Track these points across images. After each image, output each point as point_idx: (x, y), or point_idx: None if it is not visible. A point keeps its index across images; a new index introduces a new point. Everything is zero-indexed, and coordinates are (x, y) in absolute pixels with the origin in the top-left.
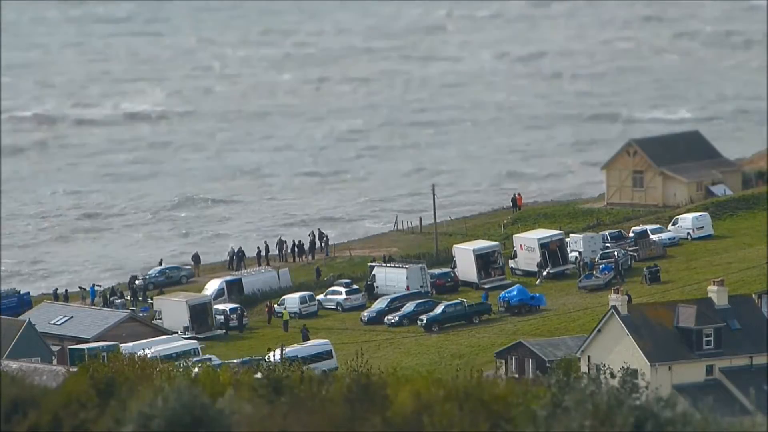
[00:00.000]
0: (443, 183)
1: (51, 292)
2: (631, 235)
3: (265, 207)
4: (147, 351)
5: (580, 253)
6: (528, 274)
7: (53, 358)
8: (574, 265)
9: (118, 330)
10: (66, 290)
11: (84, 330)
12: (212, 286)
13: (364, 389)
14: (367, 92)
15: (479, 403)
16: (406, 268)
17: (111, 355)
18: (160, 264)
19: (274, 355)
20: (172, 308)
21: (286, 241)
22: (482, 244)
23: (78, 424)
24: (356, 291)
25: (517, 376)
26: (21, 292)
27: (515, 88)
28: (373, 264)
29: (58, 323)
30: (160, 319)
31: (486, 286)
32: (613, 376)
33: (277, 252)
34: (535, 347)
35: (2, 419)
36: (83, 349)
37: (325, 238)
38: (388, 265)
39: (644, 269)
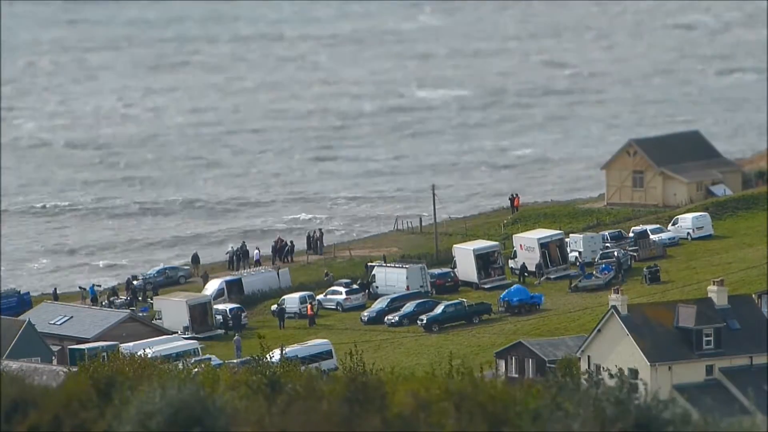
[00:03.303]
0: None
1: (51, 292)
2: (631, 235)
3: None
4: (147, 351)
5: (580, 253)
6: (530, 274)
7: (53, 358)
8: (569, 264)
9: (118, 330)
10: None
11: (84, 330)
12: (212, 286)
13: (361, 388)
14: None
15: (476, 403)
16: (406, 268)
17: (111, 355)
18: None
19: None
20: (172, 308)
21: (284, 241)
22: (482, 244)
23: (78, 424)
24: (356, 291)
25: (517, 376)
26: (21, 292)
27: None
28: (372, 264)
29: (58, 323)
30: (160, 319)
31: (486, 286)
32: (612, 376)
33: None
34: (535, 347)
35: (2, 419)
36: (83, 349)
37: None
38: (389, 265)
39: (644, 269)
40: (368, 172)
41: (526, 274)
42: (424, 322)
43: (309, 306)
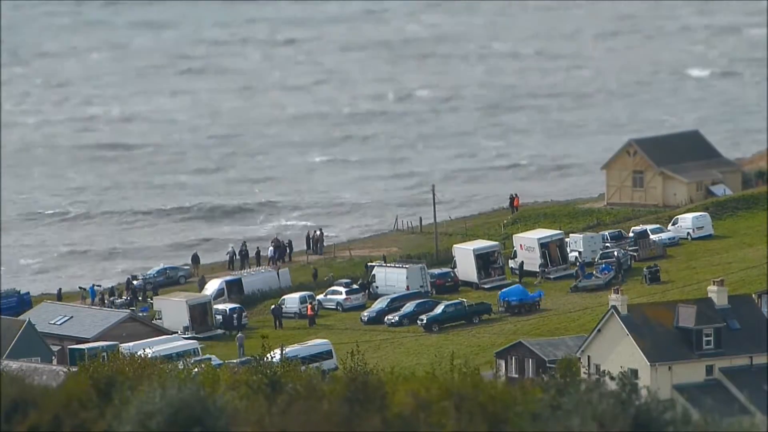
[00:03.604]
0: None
1: (55, 291)
2: (631, 235)
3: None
4: (147, 351)
5: (580, 253)
6: (528, 273)
7: (53, 358)
8: (569, 264)
9: (118, 330)
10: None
11: (84, 330)
12: (212, 286)
13: (361, 388)
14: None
15: (476, 403)
16: (406, 268)
17: (111, 355)
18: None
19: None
20: (172, 308)
21: (282, 241)
22: (482, 244)
23: (78, 424)
24: (356, 291)
25: (517, 376)
26: (21, 292)
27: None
28: (372, 264)
29: (58, 323)
30: (160, 319)
31: (486, 286)
32: (612, 378)
33: (272, 253)
34: (535, 347)
35: (2, 419)
36: (83, 349)
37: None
38: (389, 265)
39: (644, 269)
40: (369, 172)
41: (519, 272)
42: (424, 322)
43: (309, 306)
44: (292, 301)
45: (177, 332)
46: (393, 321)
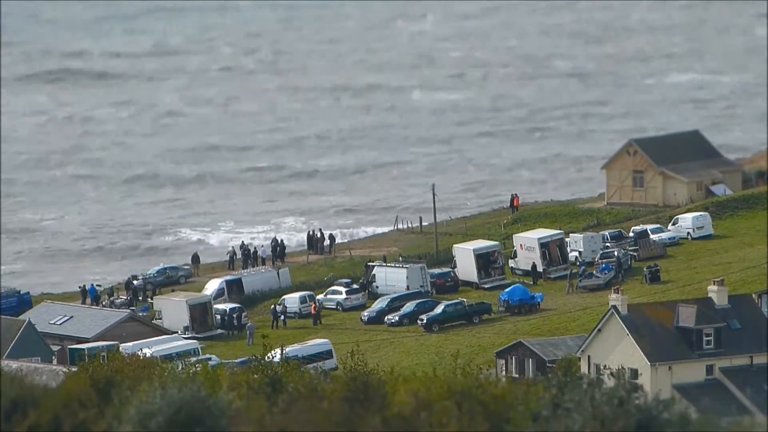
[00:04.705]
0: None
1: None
2: (631, 234)
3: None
4: (146, 350)
5: (580, 252)
6: (528, 273)
7: (53, 358)
8: (569, 264)
9: (118, 330)
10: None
11: (84, 330)
12: (212, 285)
13: (362, 388)
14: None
15: (477, 402)
16: (406, 268)
17: (111, 355)
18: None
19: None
20: (172, 308)
21: (281, 242)
22: (482, 244)
23: (78, 424)
24: (356, 291)
25: (517, 375)
26: (21, 292)
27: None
28: (372, 264)
29: (58, 323)
30: (160, 318)
31: (486, 286)
32: (612, 376)
33: (270, 252)
34: (535, 347)
35: (2, 419)
36: (83, 349)
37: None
38: (389, 264)
39: (644, 269)
40: (369, 172)
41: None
42: (424, 321)
43: (313, 305)
44: (292, 301)
45: (177, 332)
46: (393, 321)
